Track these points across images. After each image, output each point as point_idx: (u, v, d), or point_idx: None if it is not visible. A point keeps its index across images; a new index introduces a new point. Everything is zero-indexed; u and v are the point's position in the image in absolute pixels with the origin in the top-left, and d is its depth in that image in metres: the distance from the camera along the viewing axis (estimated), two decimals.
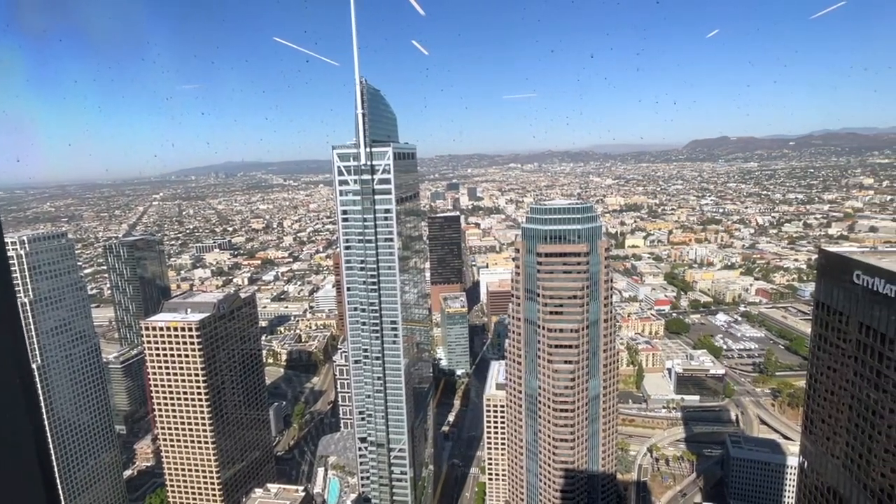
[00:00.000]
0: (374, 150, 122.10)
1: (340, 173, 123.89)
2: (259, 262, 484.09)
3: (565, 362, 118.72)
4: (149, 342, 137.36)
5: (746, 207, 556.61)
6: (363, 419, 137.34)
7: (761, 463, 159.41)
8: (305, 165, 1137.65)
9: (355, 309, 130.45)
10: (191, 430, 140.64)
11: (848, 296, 69.24)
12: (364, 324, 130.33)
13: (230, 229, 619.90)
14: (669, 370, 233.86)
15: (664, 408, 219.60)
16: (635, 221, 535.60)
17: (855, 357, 68.80)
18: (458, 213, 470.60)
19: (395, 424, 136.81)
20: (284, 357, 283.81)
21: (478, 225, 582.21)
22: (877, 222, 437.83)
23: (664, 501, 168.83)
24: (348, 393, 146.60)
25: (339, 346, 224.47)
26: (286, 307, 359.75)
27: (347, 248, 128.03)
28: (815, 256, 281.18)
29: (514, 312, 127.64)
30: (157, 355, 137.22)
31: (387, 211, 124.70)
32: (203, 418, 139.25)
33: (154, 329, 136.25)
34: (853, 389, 69.67)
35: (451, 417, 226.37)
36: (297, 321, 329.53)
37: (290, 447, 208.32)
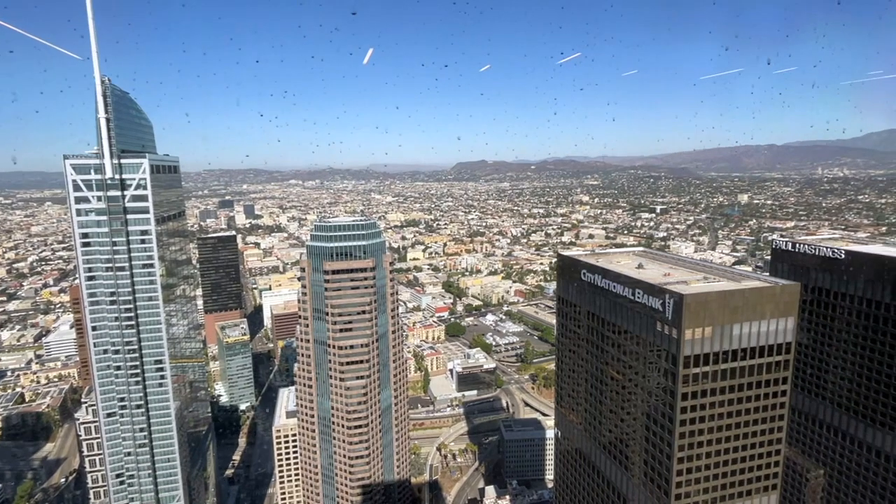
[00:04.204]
0: (124, 161, 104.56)
1: (78, 188, 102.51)
2: None
3: (357, 378, 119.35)
4: None
5: (503, 221, 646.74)
6: (122, 482, 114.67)
7: (528, 440, 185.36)
8: (23, 178, 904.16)
9: (105, 351, 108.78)
10: None
11: (578, 290, 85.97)
12: (119, 368, 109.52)
13: None
14: (451, 371, 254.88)
15: (448, 406, 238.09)
16: (415, 236, 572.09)
17: (587, 339, 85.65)
18: (233, 232, 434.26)
19: (166, 480, 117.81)
20: None
21: (258, 245, 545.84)
22: (593, 230, 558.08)
23: (454, 494, 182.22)
24: (99, 455, 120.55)
25: (83, 400, 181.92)
26: None
27: (91, 278, 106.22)
28: (554, 260, 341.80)
29: (302, 334, 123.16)
30: None
31: (144, 232, 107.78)
32: None
33: None
34: (587, 365, 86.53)
35: (236, 458, 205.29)
36: (18, 376, 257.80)
37: None
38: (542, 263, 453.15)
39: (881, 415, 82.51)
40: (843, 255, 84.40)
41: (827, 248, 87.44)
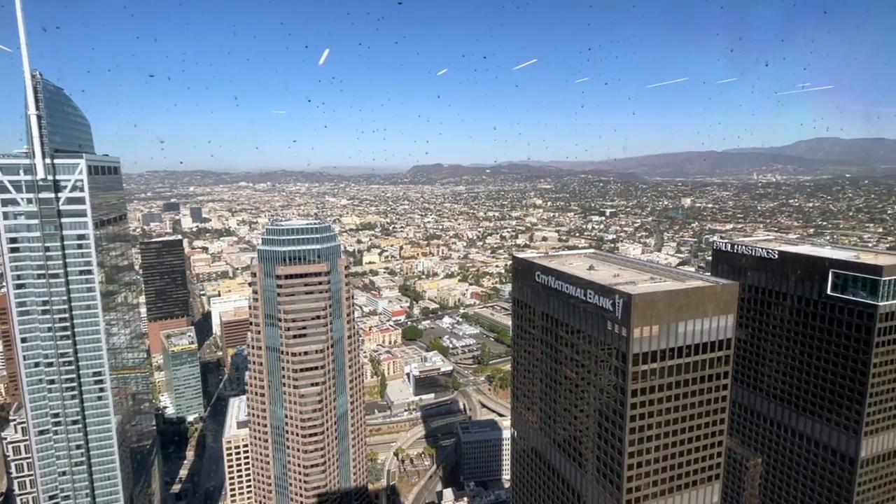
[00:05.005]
0: (58, 161, 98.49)
1: (4, 190, 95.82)
2: None
3: (312, 385, 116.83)
4: None
5: (459, 224, 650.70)
6: None
7: (485, 441, 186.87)
8: None
9: (37, 364, 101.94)
10: None
11: (533, 291, 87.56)
12: (52, 382, 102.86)
13: None
14: (408, 374, 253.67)
15: (406, 410, 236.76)
16: (370, 239, 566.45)
17: (541, 339, 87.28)
18: (179, 236, 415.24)
19: (106, 499, 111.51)
20: None
21: (205, 249, 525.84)
22: (546, 233, 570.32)
23: (411, 499, 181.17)
24: (30, 476, 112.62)
25: (11, 418, 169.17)
26: None
27: (20, 286, 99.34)
28: (509, 262, 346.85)
29: (253, 341, 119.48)
30: None
31: (81, 237, 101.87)
32: None
33: None
34: (542, 365, 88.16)
35: (183, 472, 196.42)
36: None
37: None
38: (497, 266, 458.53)
39: (811, 404, 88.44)
40: (776, 256, 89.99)
41: (762, 248, 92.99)
